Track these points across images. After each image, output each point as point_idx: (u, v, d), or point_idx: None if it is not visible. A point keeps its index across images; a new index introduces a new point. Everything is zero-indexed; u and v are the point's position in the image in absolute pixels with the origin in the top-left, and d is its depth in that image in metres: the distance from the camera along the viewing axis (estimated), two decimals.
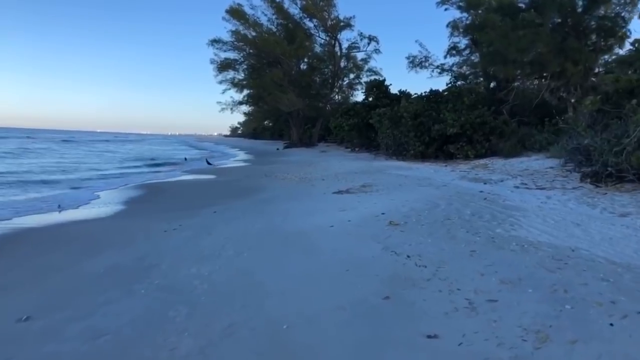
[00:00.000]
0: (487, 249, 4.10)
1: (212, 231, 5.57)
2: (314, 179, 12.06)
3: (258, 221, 6.09)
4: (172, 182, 13.07)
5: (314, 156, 25.28)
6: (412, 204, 6.49)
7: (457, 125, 16.10)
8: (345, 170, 14.15)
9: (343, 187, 9.78)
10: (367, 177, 11.87)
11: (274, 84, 35.33)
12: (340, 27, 38.34)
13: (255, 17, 36.58)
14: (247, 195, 9.56)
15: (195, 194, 10.39)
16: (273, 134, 60.56)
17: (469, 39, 27.24)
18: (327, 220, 5.70)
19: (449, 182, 10.23)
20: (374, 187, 9.59)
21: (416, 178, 11.22)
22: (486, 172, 12.55)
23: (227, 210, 7.42)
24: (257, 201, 8.48)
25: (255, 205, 7.90)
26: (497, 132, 16.28)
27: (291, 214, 6.54)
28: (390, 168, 14.59)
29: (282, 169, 16.63)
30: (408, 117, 17.29)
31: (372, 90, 26.10)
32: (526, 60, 19.86)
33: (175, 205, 8.52)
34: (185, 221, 6.42)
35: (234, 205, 8.06)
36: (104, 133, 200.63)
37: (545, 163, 12.94)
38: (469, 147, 16.06)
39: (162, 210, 7.87)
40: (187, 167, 20.17)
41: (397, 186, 9.54)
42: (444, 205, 6.31)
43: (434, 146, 16.89)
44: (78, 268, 4.16)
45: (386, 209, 6.23)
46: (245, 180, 12.57)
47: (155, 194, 10.49)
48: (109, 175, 15.52)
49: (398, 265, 3.72)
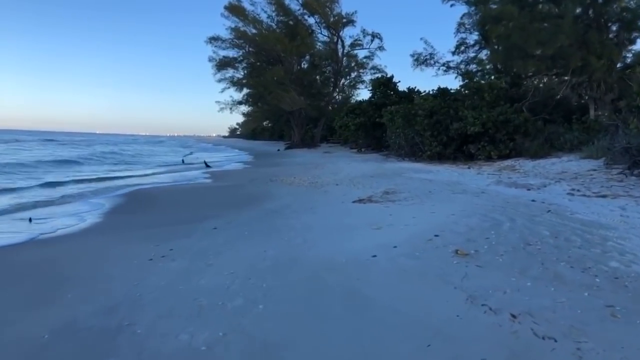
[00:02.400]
0: (624, 300, 2.74)
1: (213, 259, 4.20)
2: (326, 184, 10.69)
3: (271, 243, 4.71)
4: (166, 188, 11.67)
5: (318, 157, 23.91)
6: (466, 220, 5.12)
7: (478, 124, 14.76)
8: (359, 174, 12.78)
9: (363, 195, 8.41)
10: (386, 181, 10.50)
11: (275, 82, 33.97)
12: (342, 23, 37.04)
13: (255, 13, 35.20)
14: (252, 204, 8.19)
15: (192, 202, 9.00)
16: (273, 134, 59.25)
17: (479, 34, 26.03)
18: (362, 245, 4.33)
19: (485, 187, 8.87)
20: (399, 194, 8.22)
21: (443, 183, 9.86)
22: (519, 175, 11.20)
23: (230, 226, 6.04)
24: (265, 212, 7.11)
25: (264, 219, 6.53)
26: (521, 131, 14.94)
27: (312, 232, 5.17)
28: (408, 171, 13.23)
29: (286, 171, 15.26)
30: (423, 115, 15.93)
31: (380, 87, 24.74)
32: (547, 54, 18.57)
33: (168, 218, 7.14)
34: (177, 242, 5.04)
35: (237, 217, 6.68)
36: (105, 135, 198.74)
37: (582, 164, 11.60)
38: (492, 147, 14.72)
39: (151, 225, 6.49)
40: (184, 170, 18.77)
41: (426, 193, 8.17)
42: (508, 222, 4.95)
43: (452, 146, 15.54)
44: (10, 332, 2.77)
45: (435, 226, 4.86)
46: (249, 186, 11.18)
47: (145, 202, 9.11)
48: (95, 179, 14.09)
49: (506, 336, 2.35)
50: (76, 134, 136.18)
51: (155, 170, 19.03)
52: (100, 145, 43.97)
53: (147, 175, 16.69)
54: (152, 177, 15.49)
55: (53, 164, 19.33)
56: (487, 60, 26.00)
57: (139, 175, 15.88)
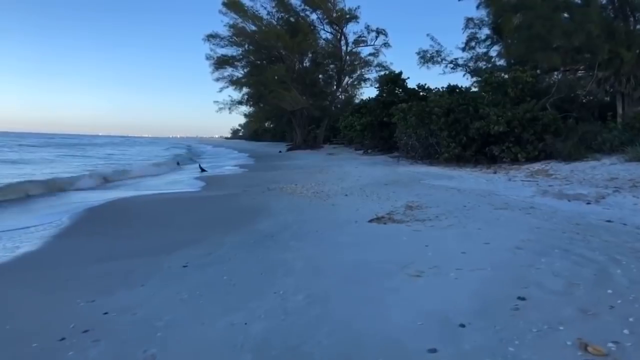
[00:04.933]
0: None
1: (157, 343, 2.57)
2: (333, 194, 9.04)
3: (257, 302, 3.08)
4: (147, 198, 10.04)
5: (322, 160, 22.26)
6: (546, 261, 3.46)
7: (502, 122, 13.08)
8: (369, 180, 11.13)
9: (380, 210, 6.76)
10: (404, 191, 8.84)
11: (276, 81, 32.38)
12: (345, 19, 35.40)
13: (254, 10, 33.62)
14: (243, 222, 6.56)
15: (171, 219, 7.36)
16: (274, 135, 57.70)
17: (491, 28, 24.45)
18: (403, 316, 2.68)
19: (530, 200, 7.19)
20: (427, 210, 6.57)
21: (475, 193, 8.19)
22: (559, 182, 9.53)
23: (207, 261, 4.41)
24: (257, 237, 5.47)
25: (254, 248, 4.89)
26: (551, 130, 13.23)
27: (319, 280, 3.53)
28: (425, 176, 11.56)
29: (287, 176, 13.63)
30: (440, 112, 14.26)
31: (387, 84, 23.06)
32: (572, 45, 16.91)
33: (132, 244, 5.51)
34: (121, 296, 3.43)
35: (220, 246, 5.05)
36: (107, 136, 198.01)
37: (631, 169, 9.90)
38: (518, 148, 13.03)
39: (104, 255, 4.87)
40: (176, 175, 17.19)
41: (460, 209, 6.50)
42: (614, 266, 3.29)
43: (472, 148, 13.86)
44: None
45: (505, 274, 3.21)
46: (243, 196, 9.54)
47: (114, 218, 7.47)
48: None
49: None
50: (77, 136, 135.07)
51: (146, 172, 17.46)
52: (91, 147, 42.53)
53: (135, 178, 15.17)
54: (138, 183, 13.90)
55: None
56: (497, 57, 24.46)
57: (126, 180, 14.32)
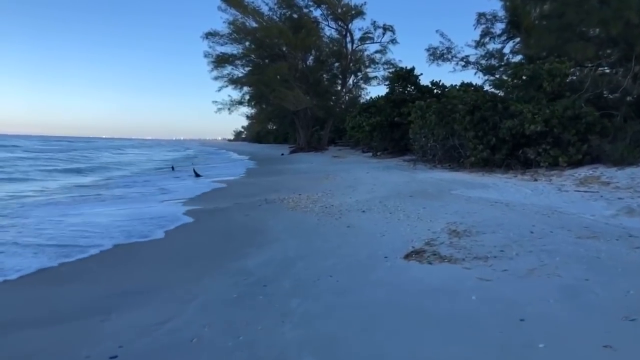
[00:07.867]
0: None
1: None
2: (346, 209, 7.22)
3: None
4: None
5: (328, 163, 20.44)
6: None
7: (539, 121, 11.23)
8: (388, 190, 9.30)
9: (414, 236, 4.95)
10: (437, 205, 7.01)
11: (278, 80, 30.63)
12: (351, 15, 33.61)
13: (255, 5, 31.88)
14: (224, 254, 4.79)
15: (129, 258, 5.52)
16: (277, 137, 55.96)
17: (507, 22, 22.72)
18: None
19: (614, 221, 5.36)
20: (479, 237, 4.74)
21: (531, 210, 6.34)
22: (623, 192, 7.67)
23: (155, 340, 2.63)
24: (242, 287, 3.68)
25: (236, 314, 3.10)
26: (596, 130, 11.36)
27: None
28: (454, 185, 9.73)
29: (290, 184, 11.84)
30: (464, 110, 12.43)
31: (398, 81, 21.24)
32: (608, 35, 15.08)
33: (65, 299, 3.75)
34: None
35: (184, 304, 3.27)
36: (108, 139, 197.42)
37: None
38: (558, 151, 11.16)
39: (17, 323, 3.11)
40: (169, 181, 15.46)
41: (529, 237, 4.67)
42: None
43: (502, 150, 12.00)
44: None
45: None
46: (232, 212, 7.74)
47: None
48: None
49: None
50: (81, 139, 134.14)
51: (137, 179, 15.81)
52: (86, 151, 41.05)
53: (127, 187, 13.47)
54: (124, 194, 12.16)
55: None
56: (511, 54, 22.67)
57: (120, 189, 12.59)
